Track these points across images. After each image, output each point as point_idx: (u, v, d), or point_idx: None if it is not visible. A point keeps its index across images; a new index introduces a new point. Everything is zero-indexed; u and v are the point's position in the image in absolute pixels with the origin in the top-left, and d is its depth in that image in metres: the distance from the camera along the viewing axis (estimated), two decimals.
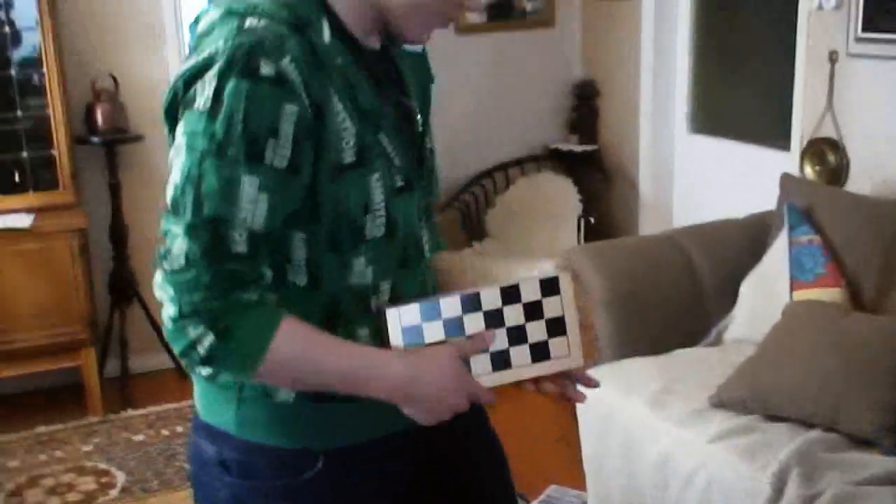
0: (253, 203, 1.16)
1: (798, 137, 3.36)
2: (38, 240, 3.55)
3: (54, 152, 3.68)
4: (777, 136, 3.57)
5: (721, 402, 2.40)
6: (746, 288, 2.87)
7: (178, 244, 1.17)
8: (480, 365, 1.32)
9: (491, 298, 1.33)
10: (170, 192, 1.19)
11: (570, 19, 4.58)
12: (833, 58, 3.14)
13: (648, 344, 2.82)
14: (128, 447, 3.51)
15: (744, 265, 2.93)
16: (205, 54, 1.17)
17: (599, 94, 4.54)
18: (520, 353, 1.35)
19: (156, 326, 4.03)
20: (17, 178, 3.68)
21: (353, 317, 1.30)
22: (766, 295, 2.78)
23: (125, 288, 3.96)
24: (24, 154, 3.67)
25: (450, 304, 1.32)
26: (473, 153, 4.51)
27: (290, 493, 1.33)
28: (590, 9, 4.52)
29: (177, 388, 3.99)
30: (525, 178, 4.55)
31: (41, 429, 3.65)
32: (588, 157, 4.50)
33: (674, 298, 2.91)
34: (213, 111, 1.15)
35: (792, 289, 2.70)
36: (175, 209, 1.17)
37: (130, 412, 3.78)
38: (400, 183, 1.30)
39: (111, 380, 3.96)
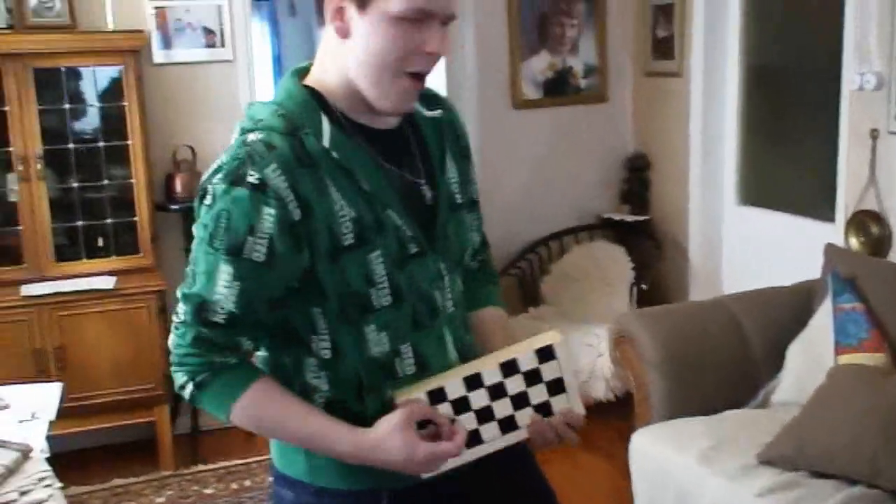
0: (227, 288, 1.39)
1: (842, 210, 3.49)
2: (119, 300, 3.79)
3: (136, 219, 3.94)
4: (822, 208, 3.70)
5: (768, 459, 2.52)
6: (793, 352, 3.00)
7: (180, 305, 1.45)
8: (489, 432, 1.48)
9: (492, 375, 1.48)
10: (188, 264, 1.46)
11: (622, 95, 4.78)
12: (874, 135, 3.29)
13: (698, 405, 2.95)
14: (199, 499, 3.68)
15: (790, 330, 3.06)
16: (218, 163, 1.42)
17: (651, 166, 4.72)
18: (524, 416, 1.49)
19: None
20: (100, 243, 3.94)
21: (380, 384, 1.48)
22: (811, 359, 2.90)
23: None
24: (109, 220, 3.94)
25: (454, 387, 1.47)
26: (530, 222, 4.70)
27: None
28: (641, 85, 4.73)
29: (244, 445, 4.17)
30: (579, 246, 4.72)
31: (117, 481, 3.84)
32: (640, 226, 4.66)
33: (723, 362, 3.03)
34: (210, 208, 1.39)
35: (836, 353, 2.82)
36: (185, 277, 1.45)
37: (201, 467, 3.97)
38: (414, 250, 1.47)
39: (181, 436, 4.15)
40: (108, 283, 3.81)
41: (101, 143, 3.90)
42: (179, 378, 1.46)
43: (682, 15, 4.32)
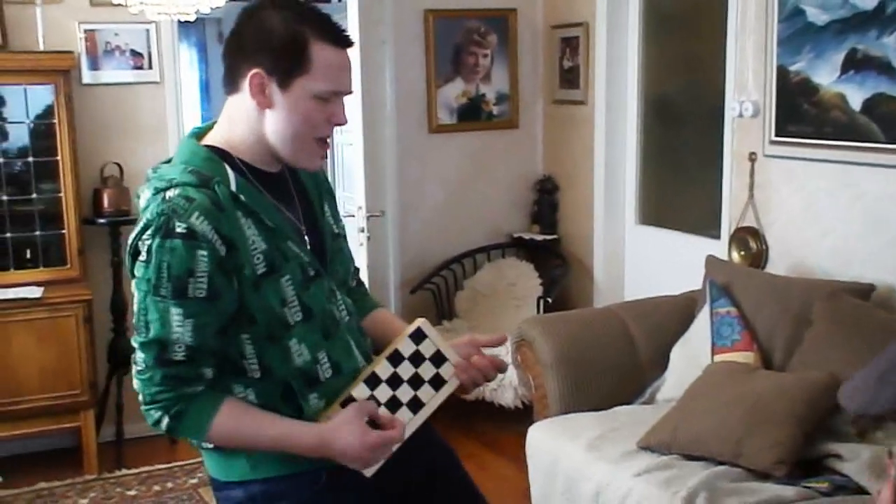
0: (181, 326, 1.63)
1: (726, 227, 3.82)
2: (46, 310, 3.93)
3: (64, 232, 4.09)
4: (710, 226, 4.03)
5: (647, 445, 2.79)
6: (675, 353, 3.29)
7: (139, 355, 1.65)
8: (403, 414, 1.77)
9: (385, 369, 1.78)
10: (134, 318, 1.68)
11: (532, 122, 5.08)
12: (752, 157, 3.63)
13: (591, 402, 3.22)
14: (122, 501, 3.82)
15: (674, 334, 3.35)
16: (143, 222, 1.66)
17: (559, 188, 5.02)
18: (425, 391, 1.80)
19: None
20: (28, 255, 4.08)
21: (305, 391, 1.74)
22: (691, 359, 3.19)
23: (122, 357, 4.31)
24: (37, 233, 4.08)
25: (361, 391, 1.76)
26: (445, 241, 4.95)
27: (297, 497, 1.75)
28: (549, 113, 5.03)
29: (168, 452, 4.32)
30: (491, 263, 4.99)
31: (42, 485, 3.96)
32: (548, 245, 4.95)
33: (613, 363, 3.31)
34: (147, 262, 1.64)
35: (713, 353, 3.12)
36: (136, 330, 1.65)
37: (124, 471, 4.10)
38: (312, 273, 1.76)
39: (106, 444, 4.28)
40: (35, 292, 3.94)
41: (31, 159, 4.06)
42: (154, 415, 1.66)
43: (587, 47, 4.65)
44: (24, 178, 4.06)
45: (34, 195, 4.08)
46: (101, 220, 4.21)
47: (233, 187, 1.67)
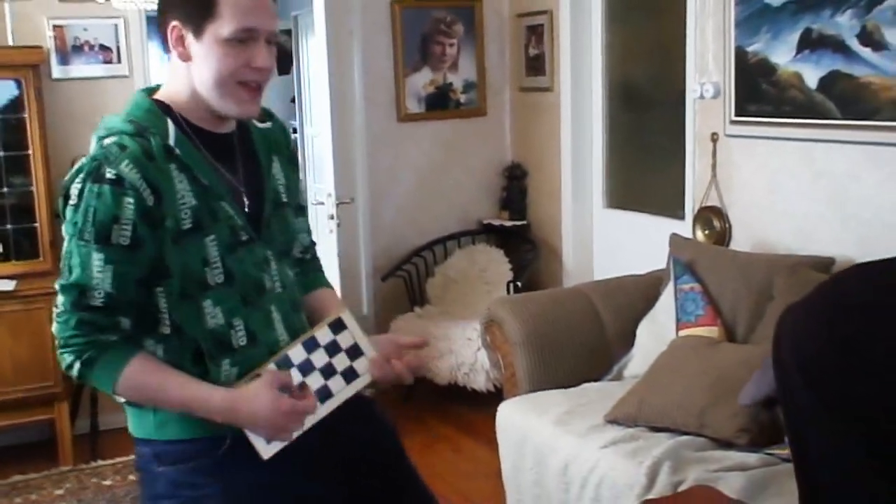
0: (102, 272, 1.66)
1: (690, 207, 3.89)
2: (19, 302, 3.95)
3: (36, 225, 4.10)
4: (675, 207, 4.10)
5: (614, 419, 2.86)
6: (641, 330, 3.36)
7: (59, 297, 1.68)
8: (312, 400, 1.76)
9: (298, 353, 1.78)
10: (61, 262, 1.71)
11: (499, 109, 5.14)
12: (714, 138, 3.70)
13: (559, 379, 3.28)
14: (97, 490, 3.85)
15: (640, 312, 3.42)
16: (77, 167, 1.70)
17: (527, 175, 5.08)
18: (336, 382, 1.80)
19: None
20: (0, 248, 4.09)
21: (217, 354, 1.75)
22: (657, 336, 3.26)
23: None
24: (9, 226, 4.09)
25: (271, 371, 1.74)
26: (416, 228, 5.00)
27: (209, 468, 1.76)
28: (517, 100, 5.09)
29: None
30: (461, 250, 5.05)
31: (17, 477, 3.97)
32: (518, 230, 5.01)
33: (581, 341, 3.37)
34: (76, 206, 1.67)
35: (678, 329, 3.19)
36: (60, 273, 1.71)
37: (100, 462, 4.12)
38: (244, 237, 1.78)
39: (81, 436, 4.29)
40: (7, 285, 3.96)
41: (2, 153, 4.06)
42: (67, 358, 1.68)
43: (552, 35, 4.71)
44: None
45: (5, 189, 4.08)
46: None
47: (170, 140, 1.70)
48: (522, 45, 4.94)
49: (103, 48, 4.38)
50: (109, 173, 1.63)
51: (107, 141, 1.67)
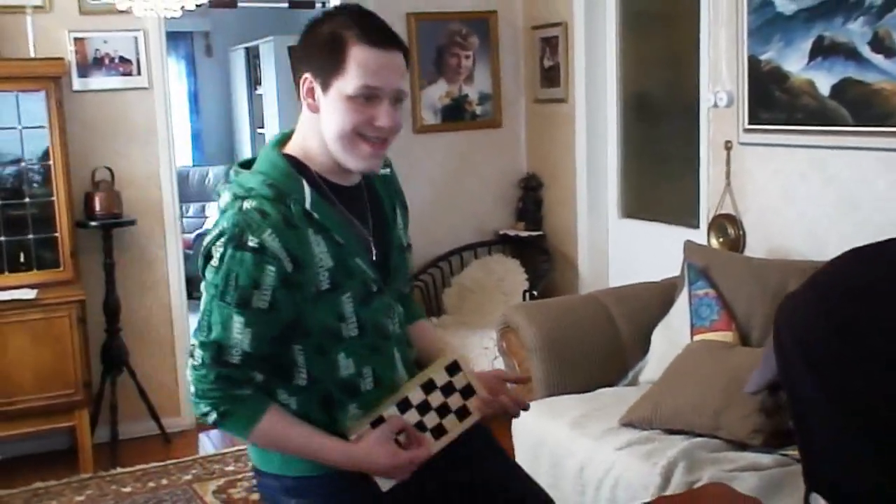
0: (241, 334, 1.72)
1: (705, 215, 3.91)
2: (40, 310, 4.00)
3: (57, 235, 4.17)
4: (690, 216, 4.12)
5: (630, 422, 2.87)
6: (656, 336, 3.37)
7: (197, 351, 1.74)
8: (427, 439, 1.85)
9: (417, 395, 1.87)
10: (199, 316, 1.77)
11: (515, 121, 5.18)
12: (728, 146, 3.72)
13: (575, 385, 3.29)
14: (117, 498, 3.88)
15: (655, 318, 3.44)
16: (219, 228, 1.74)
17: (543, 185, 5.11)
18: (450, 421, 1.89)
19: (143, 395, 4.45)
20: (22, 258, 4.15)
21: (344, 400, 1.83)
22: (672, 340, 3.27)
23: (116, 358, 4.38)
24: (30, 236, 4.15)
25: (391, 413, 1.84)
26: (431, 239, 5.03)
27: (339, 500, 1.85)
28: (532, 112, 5.13)
29: (162, 451, 4.39)
30: (477, 260, 5.08)
31: (38, 484, 4.01)
32: (533, 241, 5.04)
33: (596, 347, 3.39)
34: (217, 268, 1.73)
35: (692, 333, 3.20)
36: (199, 327, 1.76)
37: (119, 469, 4.16)
38: (374, 289, 1.83)
39: (101, 445, 4.33)
40: (29, 294, 4.01)
41: (24, 164, 4.13)
42: (202, 408, 1.76)
43: (566, 46, 4.75)
44: (18, 184, 4.13)
45: (27, 199, 4.15)
46: (93, 223, 4.28)
47: (307, 204, 1.74)
48: (537, 56, 4.98)
49: (123, 60, 4.45)
50: (252, 241, 1.67)
51: (246, 205, 1.71)
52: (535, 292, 4.59)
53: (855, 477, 0.93)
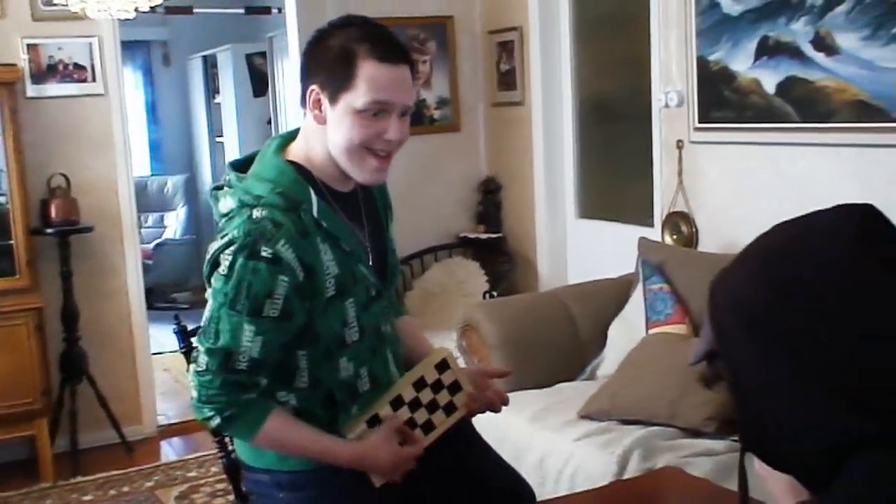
0: (251, 342, 1.73)
1: (659, 213, 3.98)
2: None
3: (12, 242, 4.14)
4: (646, 214, 4.19)
5: (588, 414, 2.92)
6: (613, 331, 3.43)
7: (202, 357, 1.76)
8: (418, 436, 1.90)
9: (409, 393, 1.92)
10: (203, 322, 1.78)
11: (473, 125, 5.23)
12: (679, 145, 3.80)
13: (534, 380, 3.34)
14: None
15: (612, 314, 3.50)
16: (228, 237, 1.74)
17: (502, 188, 5.16)
18: (438, 416, 1.94)
19: (104, 403, 4.42)
20: None
21: (346, 401, 1.87)
22: (628, 335, 3.34)
23: (75, 367, 4.35)
24: None
25: (386, 411, 1.89)
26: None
27: (330, 494, 1.88)
28: (490, 115, 5.18)
29: (123, 459, 4.37)
30: (438, 263, 5.11)
31: None
32: (493, 243, 5.08)
33: (555, 343, 3.44)
34: (227, 277, 1.72)
35: (648, 327, 3.26)
36: (204, 333, 1.76)
37: (80, 478, 4.13)
38: (374, 293, 1.86)
39: (61, 454, 4.29)
40: None
41: None
42: (207, 413, 1.76)
43: (522, 50, 4.81)
44: None
45: None
46: (50, 231, 4.25)
47: (315, 212, 1.75)
48: (494, 61, 5.04)
49: (78, 67, 4.43)
50: (265, 252, 1.68)
51: (257, 213, 1.71)
52: (495, 293, 4.63)
53: (784, 436, 0.97)
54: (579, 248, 4.76)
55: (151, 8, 3.58)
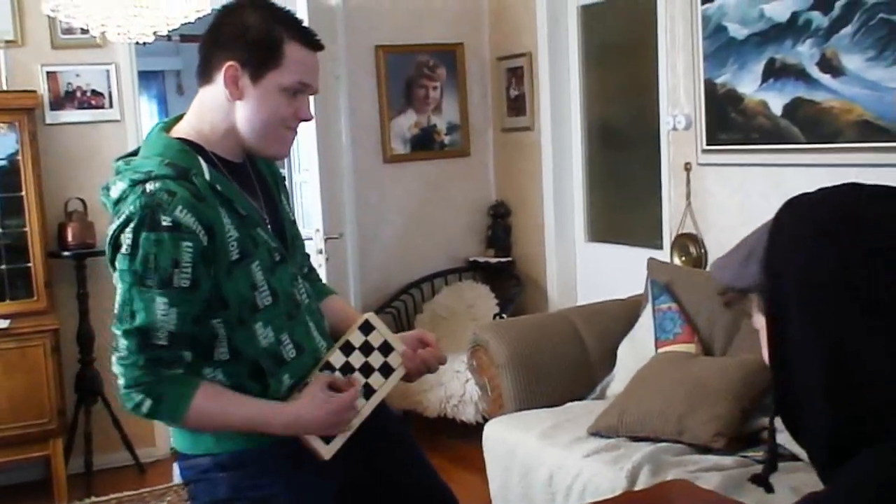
0: (166, 314, 1.73)
1: (668, 235, 4.02)
2: (14, 340, 4.02)
3: (30, 265, 4.20)
4: (654, 237, 4.23)
5: (597, 431, 2.95)
6: (622, 350, 3.46)
7: (121, 342, 1.76)
8: (358, 400, 1.91)
9: (338, 358, 1.94)
10: (115, 308, 1.78)
11: (483, 149, 5.29)
12: (687, 167, 3.84)
13: (544, 400, 3.37)
14: None
15: (621, 334, 3.53)
16: (125, 215, 1.75)
17: (511, 212, 5.21)
18: (375, 379, 1.95)
19: (118, 425, 4.46)
20: None
21: (274, 370, 1.86)
22: (637, 354, 3.36)
23: (90, 388, 4.40)
24: (3, 266, 4.18)
25: (321, 375, 1.90)
26: (403, 266, 5.11)
27: (271, 469, 1.87)
28: (499, 140, 5.25)
29: (136, 480, 4.39)
30: (448, 287, 5.15)
31: None
32: (503, 267, 5.13)
33: (564, 362, 3.47)
34: (132, 255, 1.73)
35: (657, 346, 3.29)
36: (119, 319, 1.76)
37: (94, 499, 4.16)
38: (278, 258, 1.89)
39: (75, 476, 4.32)
40: (2, 323, 4.03)
41: None
42: (136, 398, 1.74)
43: (531, 76, 4.88)
44: None
45: (0, 230, 4.19)
46: (67, 254, 4.31)
47: (207, 177, 1.78)
48: (503, 86, 5.11)
49: (95, 93, 4.52)
50: (165, 220, 1.69)
51: (149, 186, 1.72)
52: (504, 316, 4.66)
53: (810, 410, 1.00)
54: (589, 271, 4.80)
55: (167, 36, 3.66)
